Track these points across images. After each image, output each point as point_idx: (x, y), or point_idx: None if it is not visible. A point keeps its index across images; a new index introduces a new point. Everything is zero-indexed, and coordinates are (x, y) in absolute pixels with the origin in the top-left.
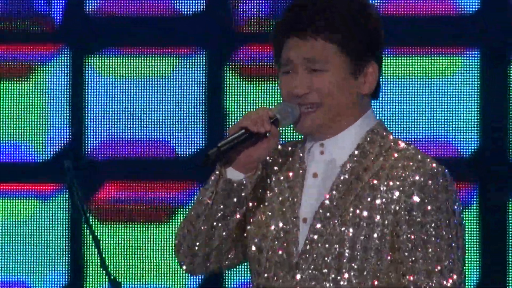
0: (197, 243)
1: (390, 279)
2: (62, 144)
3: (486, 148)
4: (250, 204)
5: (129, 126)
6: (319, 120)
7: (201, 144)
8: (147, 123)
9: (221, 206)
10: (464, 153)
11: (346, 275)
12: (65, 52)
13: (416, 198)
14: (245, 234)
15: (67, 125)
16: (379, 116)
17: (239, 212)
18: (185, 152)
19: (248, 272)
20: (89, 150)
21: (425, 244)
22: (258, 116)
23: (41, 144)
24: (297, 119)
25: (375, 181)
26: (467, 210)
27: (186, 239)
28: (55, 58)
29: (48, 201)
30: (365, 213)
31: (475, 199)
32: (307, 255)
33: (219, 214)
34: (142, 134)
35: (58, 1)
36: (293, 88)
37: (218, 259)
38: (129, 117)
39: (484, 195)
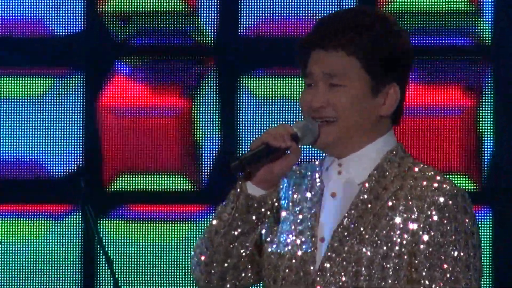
0: (215, 260)
1: None
2: (77, 163)
3: (499, 169)
4: (268, 223)
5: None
6: (333, 134)
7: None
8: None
9: (240, 223)
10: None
11: None
12: (80, 73)
13: (435, 218)
14: (261, 254)
15: (81, 144)
16: None
17: (258, 229)
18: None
19: None
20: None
21: (442, 265)
22: (278, 131)
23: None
24: (317, 136)
25: (394, 201)
26: (480, 232)
27: (204, 256)
28: (69, 78)
29: (61, 221)
30: (383, 233)
31: (488, 221)
32: (324, 273)
33: (239, 231)
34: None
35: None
36: (310, 101)
37: (234, 277)
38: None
39: (498, 217)
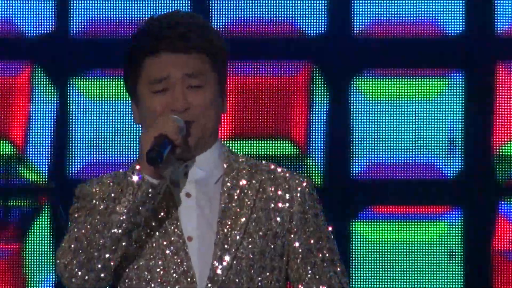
0: (98, 257)
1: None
2: (47, 165)
3: (470, 170)
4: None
5: (112, 149)
6: (198, 135)
7: None
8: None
9: (137, 216)
10: (449, 175)
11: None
12: (46, 73)
13: (298, 206)
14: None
15: (50, 147)
16: (365, 138)
17: (142, 224)
18: None
19: None
20: (73, 172)
21: (321, 248)
22: (171, 124)
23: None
24: (185, 134)
25: (258, 195)
26: (451, 232)
27: (83, 252)
28: (37, 78)
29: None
30: (258, 228)
31: (459, 221)
32: (216, 276)
33: (130, 226)
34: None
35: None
36: (170, 105)
37: (108, 276)
38: (114, 140)
39: (468, 218)
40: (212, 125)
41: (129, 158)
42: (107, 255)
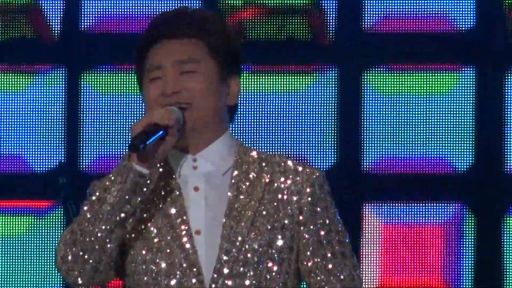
0: (92, 248)
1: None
2: (57, 160)
3: (480, 165)
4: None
5: (124, 143)
6: (194, 117)
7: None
8: None
9: (127, 205)
10: (458, 169)
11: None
12: (61, 68)
13: (309, 198)
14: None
15: (62, 141)
16: (373, 131)
17: (137, 214)
18: None
19: None
20: (84, 166)
21: (331, 241)
22: (163, 112)
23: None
24: (182, 124)
25: (266, 188)
26: (461, 226)
27: (78, 244)
28: (51, 73)
29: (44, 217)
30: (266, 220)
31: (468, 215)
32: (222, 267)
33: (122, 215)
34: None
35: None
36: (162, 90)
37: (106, 269)
38: (125, 134)
39: (478, 212)
40: (209, 111)
41: None
42: (101, 246)
